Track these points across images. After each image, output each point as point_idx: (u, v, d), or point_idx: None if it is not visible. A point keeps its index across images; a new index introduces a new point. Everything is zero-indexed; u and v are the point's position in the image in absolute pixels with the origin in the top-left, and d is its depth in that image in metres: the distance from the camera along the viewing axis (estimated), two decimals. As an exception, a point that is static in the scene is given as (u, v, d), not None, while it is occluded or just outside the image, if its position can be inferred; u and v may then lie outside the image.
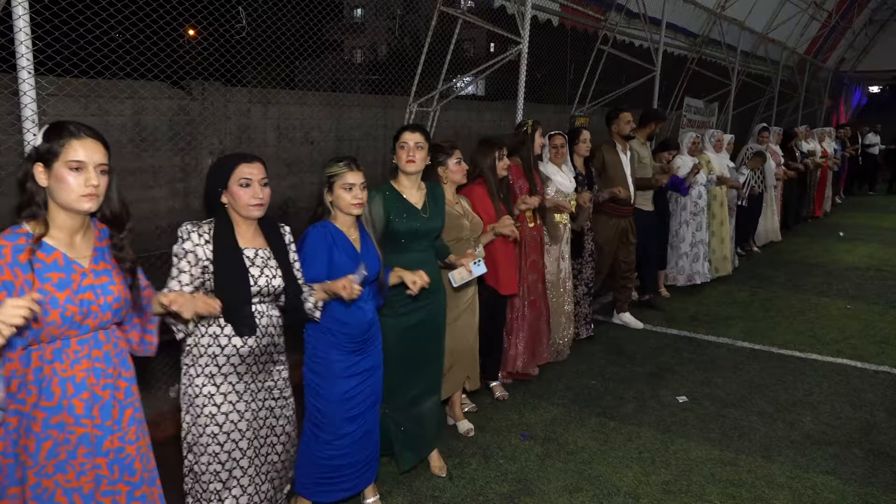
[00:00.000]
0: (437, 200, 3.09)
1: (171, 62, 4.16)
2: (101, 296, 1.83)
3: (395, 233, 2.92)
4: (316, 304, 2.43)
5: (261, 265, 2.28)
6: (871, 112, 19.48)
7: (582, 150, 4.77)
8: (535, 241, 4.19)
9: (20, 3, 2.56)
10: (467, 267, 3.04)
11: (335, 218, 2.61)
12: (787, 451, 3.47)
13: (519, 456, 3.39)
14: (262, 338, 2.31)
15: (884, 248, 8.72)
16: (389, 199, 2.94)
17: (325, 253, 2.54)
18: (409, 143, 2.94)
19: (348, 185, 2.54)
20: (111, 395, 1.88)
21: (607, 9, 7.50)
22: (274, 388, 2.40)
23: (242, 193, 2.21)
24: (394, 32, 11.67)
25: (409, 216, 2.94)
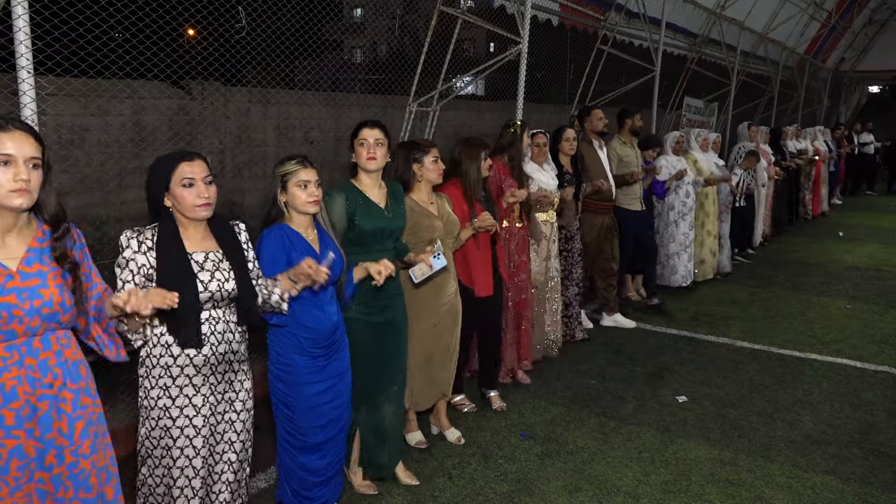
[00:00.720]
0: (398, 199, 3.02)
1: (170, 62, 4.16)
2: (27, 300, 1.70)
3: (360, 233, 2.85)
4: (282, 295, 2.32)
5: (211, 269, 2.14)
6: (872, 112, 19.48)
7: (566, 148, 4.76)
8: (524, 241, 4.20)
9: (20, 2, 2.55)
10: (427, 261, 2.96)
11: (290, 219, 2.53)
12: (787, 450, 3.47)
13: (519, 456, 3.39)
14: (217, 345, 2.17)
15: (883, 248, 8.72)
16: (353, 198, 2.85)
17: (283, 256, 2.45)
18: (369, 139, 2.84)
19: (303, 182, 2.46)
20: (51, 406, 1.76)
21: (607, 8, 7.50)
22: (235, 399, 2.27)
23: (186, 194, 2.09)
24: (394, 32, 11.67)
25: (374, 215, 2.87)
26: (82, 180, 4.04)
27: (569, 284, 4.86)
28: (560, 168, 4.68)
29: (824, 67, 15.76)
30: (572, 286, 4.89)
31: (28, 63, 2.61)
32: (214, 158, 4.73)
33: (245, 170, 5.00)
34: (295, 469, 2.64)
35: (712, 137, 7.03)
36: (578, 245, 4.90)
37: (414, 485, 3.11)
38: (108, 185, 4.17)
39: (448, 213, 3.37)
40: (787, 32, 11.93)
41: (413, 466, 3.26)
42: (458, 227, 3.39)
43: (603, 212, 5.20)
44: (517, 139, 4.11)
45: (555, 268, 4.56)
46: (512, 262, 4.12)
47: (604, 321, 5.42)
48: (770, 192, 8.73)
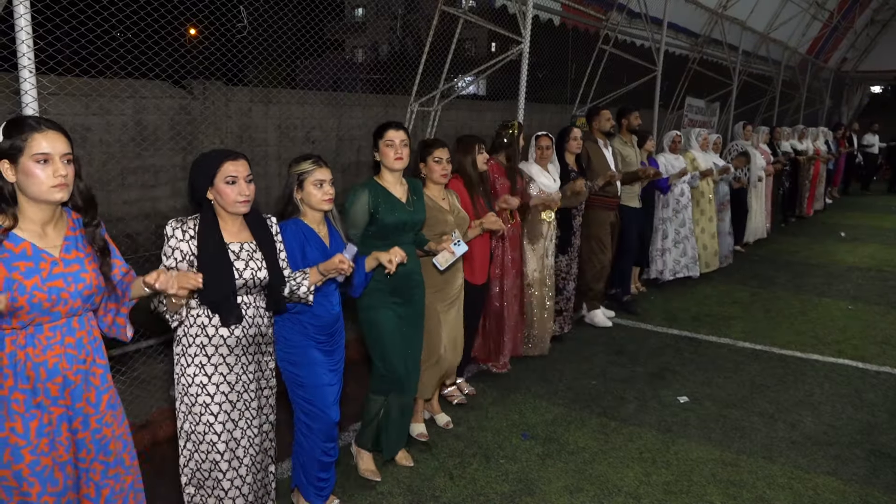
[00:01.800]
0: (419, 195, 3.17)
1: (172, 61, 4.16)
2: (72, 283, 1.87)
3: (382, 226, 2.98)
4: (310, 288, 2.49)
5: (246, 258, 2.32)
6: (874, 112, 19.45)
7: (573, 147, 4.82)
8: (515, 238, 4.27)
9: (21, 2, 2.56)
10: (449, 249, 3.11)
11: (304, 215, 2.66)
12: (788, 451, 3.46)
13: (520, 456, 3.39)
14: (248, 328, 2.35)
15: (885, 249, 8.71)
16: (375, 194, 2.99)
17: (298, 249, 2.59)
18: (396, 140, 2.99)
19: (319, 181, 2.59)
20: (84, 379, 1.94)
21: (609, 8, 7.49)
22: (262, 377, 2.46)
23: (229, 191, 2.26)
24: (395, 32, 11.67)
25: (397, 209, 3.01)
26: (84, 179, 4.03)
27: (570, 280, 4.93)
28: (565, 167, 4.75)
29: (826, 67, 15.74)
30: (571, 281, 4.95)
31: (30, 62, 2.61)
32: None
33: (246, 169, 4.99)
34: (314, 451, 2.73)
35: (713, 138, 7.09)
36: (577, 241, 4.97)
37: (409, 466, 3.27)
38: (110, 185, 4.17)
39: (458, 208, 3.48)
40: (789, 32, 11.92)
41: (414, 466, 3.26)
42: (467, 222, 3.49)
43: (609, 207, 5.25)
44: (515, 141, 4.16)
45: (550, 266, 4.60)
46: (504, 257, 4.17)
47: (585, 318, 5.50)
48: (768, 191, 8.77)
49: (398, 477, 3.17)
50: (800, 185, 10.31)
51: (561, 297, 4.93)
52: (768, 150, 8.66)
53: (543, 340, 4.65)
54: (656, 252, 6.46)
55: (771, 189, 8.93)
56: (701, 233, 6.83)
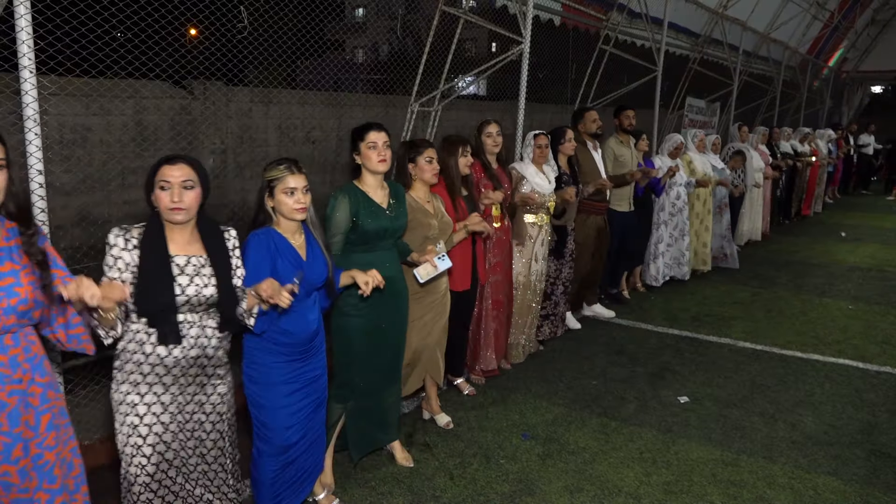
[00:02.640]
0: (400, 199, 3.06)
1: (172, 62, 4.16)
2: (4, 299, 1.73)
3: (363, 232, 2.88)
4: (249, 309, 2.29)
5: (191, 273, 2.15)
6: (874, 112, 19.45)
7: (567, 148, 4.71)
8: (501, 242, 4.14)
9: (22, 2, 2.56)
10: (432, 262, 3.04)
11: (278, 224, 2.50)
12: (789, 451, 3.46)
13: (520, 456, 3.39)
14: (189, 349, 2.17)
15: (885, 249, 8.70)
16: (355, 199, 2.88)
17: (267, 261, 2.42)
18: (379, 142, 2.88)
19: (289, 189, 2.42)
20: (20, 401, 1.80)
21: (609, 8, 7.49)
22: (206, 402, 2.27)
23: (162, 197, 2.09)
24: (395, 32, 11.67)
25: (377, 215, 2.91)
26: (84, 180, 4.04)
27: (558, 284, 4.84)
28: (558, 169, 4.66)
29: (827, 67, 15.73)
30: (559, 285, 4.86)
31: (30, 63, 2.61)
32: (216, 158, 4.73)
33: (247, 169, 5.01)
34: (267, 472, 2.61)
35: (711, 139, 7.00)
36: (571, 245, 4.87)
37: (409, 466, 3.26)
38: (111, 185, 4.17)
39: (443, 213, 3.40)
40: (790, 32, 11.92)
41: (415, 466, 3.26)
42: (451, 227, 3.41)
43: (597, 212, 5.20)
44: (478, 140, 4.06)
45: (539, 270, 4.48)
46: (487, 262, 4.07)
47: (585, 311, 5.56)
48: (767, 192, 8.71)
49: (398, 477, 3.17)
50: (795, 188, 10.25)
51: (548, 303, 4.83)
52: (767, 151, 8.59)
53: (524, 347, 4.55)
54: (650, 256, 6.41)
55: (770, 191, 8.86)
56: (703, 230, 6.78)
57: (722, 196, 7.13)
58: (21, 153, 2.68)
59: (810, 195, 10.85)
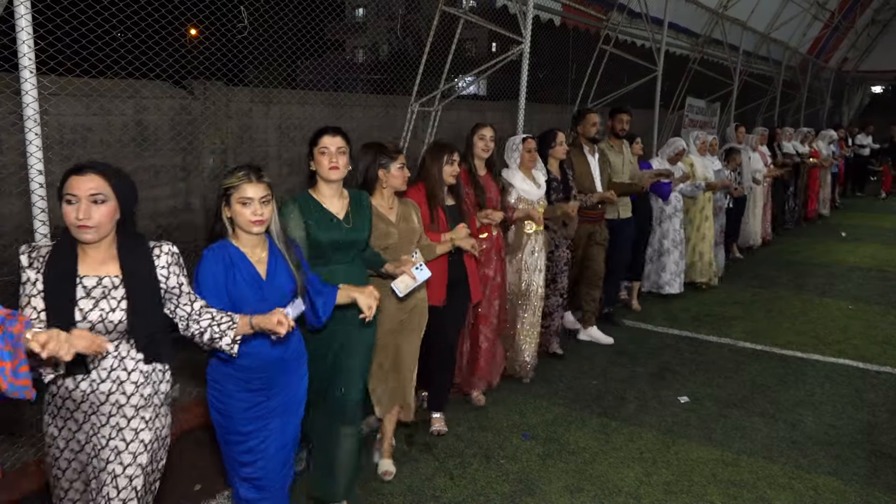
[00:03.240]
0: (362, 209, 2.81)
1: (172, 62, 4.16)
2: None
3: (316, 245, 2.67)
4: (235, 339, 2.08)
5: (98, 296, 1.90)
6: (875, 112, 19.44)
7: (558, 153, 4.44)
8: (488, 254, 3.88)
9: (22, 2, 2.56)
10: (410, 274, 2.82)
11: (236, 237, 2.27)
12: (789, 451, 3.46)
13: (520, 456, 3.38)
14: (99, 382, 1.93)
15: (886, 249, 8.70)
16: (306, 209, 2.67)
17: (221, 279, 2.19)
18: (331, 147, 2.64)
19: (246, 199, 2.17)
20: None
21: (609, 8, 7.49)
22: (124, 451, 1.97)
23: (68, 212, 1.86)
24: (395, 32, 11.67)
25: (330, 226, 2.68)
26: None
27: (550, 294, 4.51)
28: (548, 174, 4.40)
29: (827, 67, 15.73)
30: (554, 296, 4.56)
31: (30, 63, 2.61)
32: (216, 158, 4.73)
33: (247, 169, 4.99)
34: (238, 498, 2.46)
35: (709, 140, 6.74)
36: (566, 254, 4.58)
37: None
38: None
39: (411, 220, 3.15)
40: (790, 32, 11.91)
41: (415, 466, 3.26)
42: (417, 235, 3.16)
43: (588, 220, 4.82)
44: (468, 141, 3.83)
45: (535, 282, 4.20)
46: (481, 280, 3.83)
47: (580, 335, 5.09)
48: (768, 195, 8.50)
49: (398, 477, 3.17)
50: (798, 190, 10.09)
51: (548, 311, 4.57)
52: (767, 152, 8.42)
53: (522, 364, 4.25)
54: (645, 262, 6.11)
55: (770, 193, 8.61)
56: (701, 239, 6.44)
57: (717, 199, 6.84)
58: (21, 153, 2.68)
59: (813, 198, 10.63)
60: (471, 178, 3.77)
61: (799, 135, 10.09)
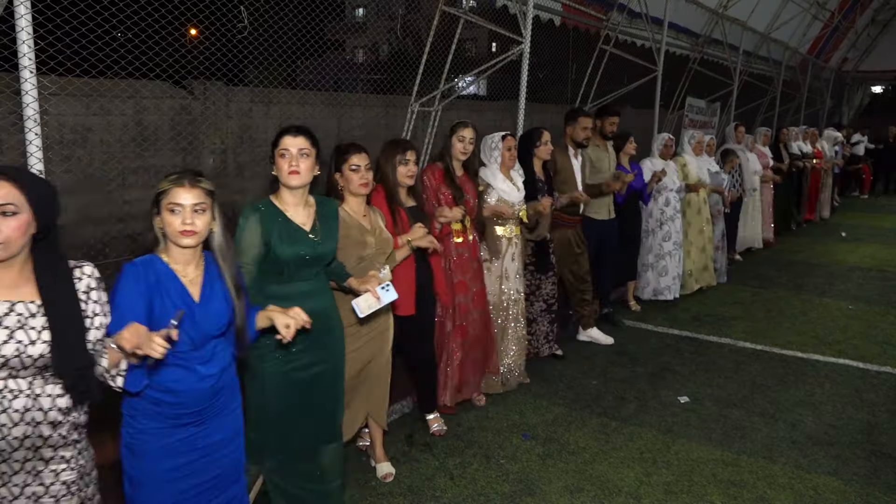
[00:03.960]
0: (329, 219, 2.54)
1: (172, 62, 4.16)
2: None
3: (277, 260, 2.38)
4: (116, 365, 1.75)
5: (13, 326, 1.65)
6: (875, 112, 19.43)
7: (543, 152, 4.22)
8: (464, 260, 3.66)
9: (22, 2, 2.56)
10: (374, 292, 2.54)
11: (167, 250, 1.97)
12: (789, 451, 3.46)
13: (520, 456, 3.38)
14: (12, 426, 1.66)
15: (886, 249, 8.70)
16: (267, 220, 2.38)
17: (140, 299, 1.86)
18: (292, 149, 2.38)
19: (175, 205, 1.89)
20: None
21: (609, 8, 7.49)
22: (44, 495, 1.74)
23: None
24: (395, 32, 11.67)
25: (295, 239, 2.41)
26: (84, 180, 4.05)
27: (534, 300, 4.37)
28: (532, 175, 4.18)
29: (827, 67, 15.74)
30: (539, 302, 4.40)
31: (30, 63, 2.61)
32: (216, 158, 4.74)
33: (247, 169, 5.01)
34: None
35: (706, 140, 6.53)
36: (550, 259, 4.39)
37: None
38: (111, 185, 4.18)
39: (381, 228, 2.94)
40: (790, 32, 11.91)
41: (415, 466, 3.26)
42: (391, 245, 2.95)
43: (568, 225, 4.67)
44: (448, 141, 3.62)
45: (515, 289, 4.03)
46: (448, 281, 3.63)
47: (579, 336, 5.03)
48: (770, 197, 8.31)
49: (398, 477, 3.17)
50: (802, 191, 9.94)
51: (532, 317, 4.43)
52: (768, 153, 8.24)
53: (506, 377, 4.08)
54: (641, 267, 5.94)
55: (773, 194, 8.42)
56: (690, 246, 6.21)
57: (715, 202, 6.59)
58: (21, 153, 2.68)
59: (813, 199, 10.47)
60: (447, 178, 3.59)
61: (801, 132, 9.89)
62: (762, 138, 8.25)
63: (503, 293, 4.00)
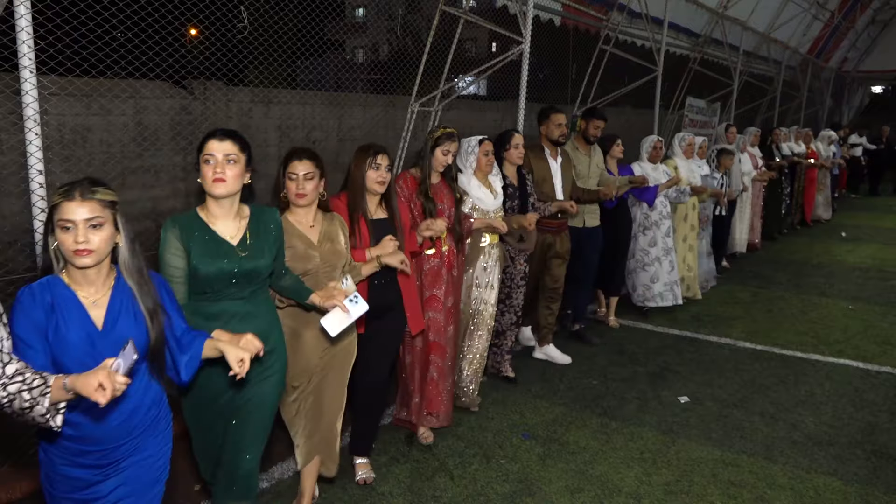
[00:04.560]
0: (265, 231, 2.28)
1: (172, 62, 4.16)
2: None
3: (201, 278, 2.15)
4: (57, 406, 1.57)
5: None
6: (875, 112, 19.44)
7: (514, 156, 3.97)
8: (435, 273, 3.40)
9: (22, 2, 2.56)
10: (343, 307, 2.32)
11: (67, 272, 1.75)
12: (789, 451, 3.46)
13: (520, 456, 3.38)
14: None
15: (885, 249, 8.70)
16: (186, 234, 2.14)
17: (38, 327, 1.68)
18: (217, 155, 2.13)
19: (66, 222, 1.68)
20: None
21: (609, 9, 7.49)
22: None
23: None
24: (395, 32, 11.67)
25: (217, 253, 2.16)
26: (84, 180, 4.04)
27: (504, 311, 4.11)
28: (503, 180, 3.92)
29: (827, 67, 15.74)
30: (508, 313, 4.14)
31: (30, 63, 2.61)
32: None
33: (247, 169, 5.00)
34: None
35: (698, 142, 6.16)
36: (523, 267, 4.13)
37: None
38: (111, 185, 4.18)
39: (333, 240, 2.66)
40: (790, 32, 11.92)
41: (415, 466, 3.26)
42: (343, 258, 2.67)
43: (549, 230, 4.38)
44: (427, 150, 3.34)
45: (483, 299, 3.77)
46: (420, 296, 3.35)
47: (536, 353, 4.68)
48: (759, 197, 8.01)
49: (398, 477, 3.17)
50: (795, 192, 9.62)
51: (501, 330, 4.19)
52: (758, 154, 7.92)
53: (467, 391, 3.83)
54: (627, 274, 5.65)
55: (763, 197, 8.04)
56: (687, 251, 5.95)
57: (703, 208, 6.26)
58: (21, 153, 2.69)
59: (810, 201, 10.20)
60: (420, 186, 3.32)
61: (793, 132, 9.63)
62: (752, 138, 7.87)
63: (472, 302, 3.77)
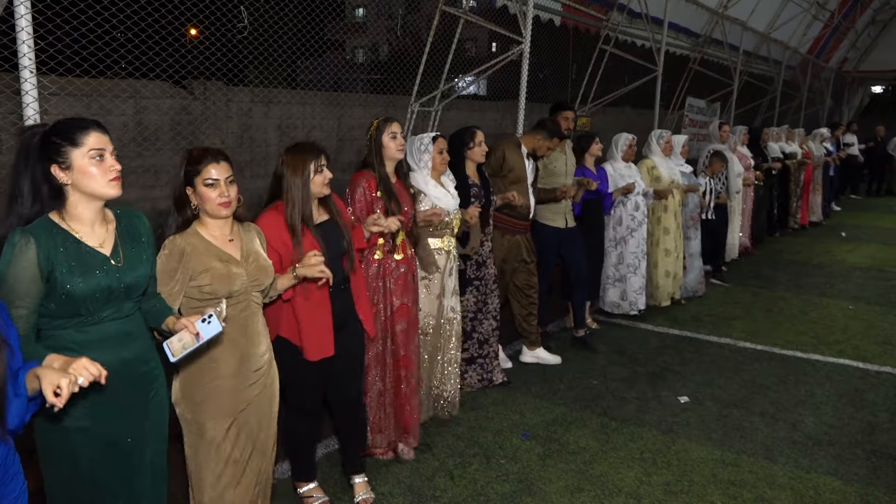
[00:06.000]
0: (134, 236, 1.99)
1: (172, 62, 4.16)
2: None
3: (69, 298, 1.79)
4: None
5: None
6: (875, 112, 19.44)
7: (476, 154, 3.76)
8: (404, 280, 3.18)
9: (22, 2, 2.56)
10: (190, 328, 1.91)
11: None
12: (789, 451, 3.46)
13: (520, 456, 3.39)
14: None
15: (886, 249, 8.70)
16: (47, 245, 1.77)
17: None
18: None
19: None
20: None
21: (609, 8, 7.50)
22: None
23: None
24: (395, 32, 11.68)
25: (90, 267, 1.83)
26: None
27: (482, 318, 4.00)
28: (465, 180, 3.72)
29: (827, 67, 15.75)
30: (487, 320, 4.01)
31: (30, 63, 2.61)
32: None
33: (247, 169, 5.01)
34: None
35: (680, 140, 5.90)
36: (493, 270, 4.01)
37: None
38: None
39: (258, 253, 2.32)
40: (790, 32, 11.93)
41: (415, 466, 3.26)
42: (270, 274, 2.34)
43: (514, 230, 4.24)
44: (373, 144, 3.11)
45: (450, 307, 3.58)
46: (388, 306, 3.14)
47: (524, 357, 4.56)
48: (749, 199, 7.69)
49: (398, 477, 3.17)
50: (790, 193, 9.34)
51: (471, 342, 4.01)
52: (748, 154, 7.48)
53: (445, 402, 3.67)
54: (606, 281, 5.41)
55: (753, 199, 7.74)
56: (665, 256, 5.66)
57: (693, 207, 6.04)
58: (21, 153, 2.68)
59: (805, 201, 9.92)
60: (381, 185, 3.06)
61: (784, 132, 9.29)
62: (741, 137, 7.45)
63: (443, 311, 3.54)
